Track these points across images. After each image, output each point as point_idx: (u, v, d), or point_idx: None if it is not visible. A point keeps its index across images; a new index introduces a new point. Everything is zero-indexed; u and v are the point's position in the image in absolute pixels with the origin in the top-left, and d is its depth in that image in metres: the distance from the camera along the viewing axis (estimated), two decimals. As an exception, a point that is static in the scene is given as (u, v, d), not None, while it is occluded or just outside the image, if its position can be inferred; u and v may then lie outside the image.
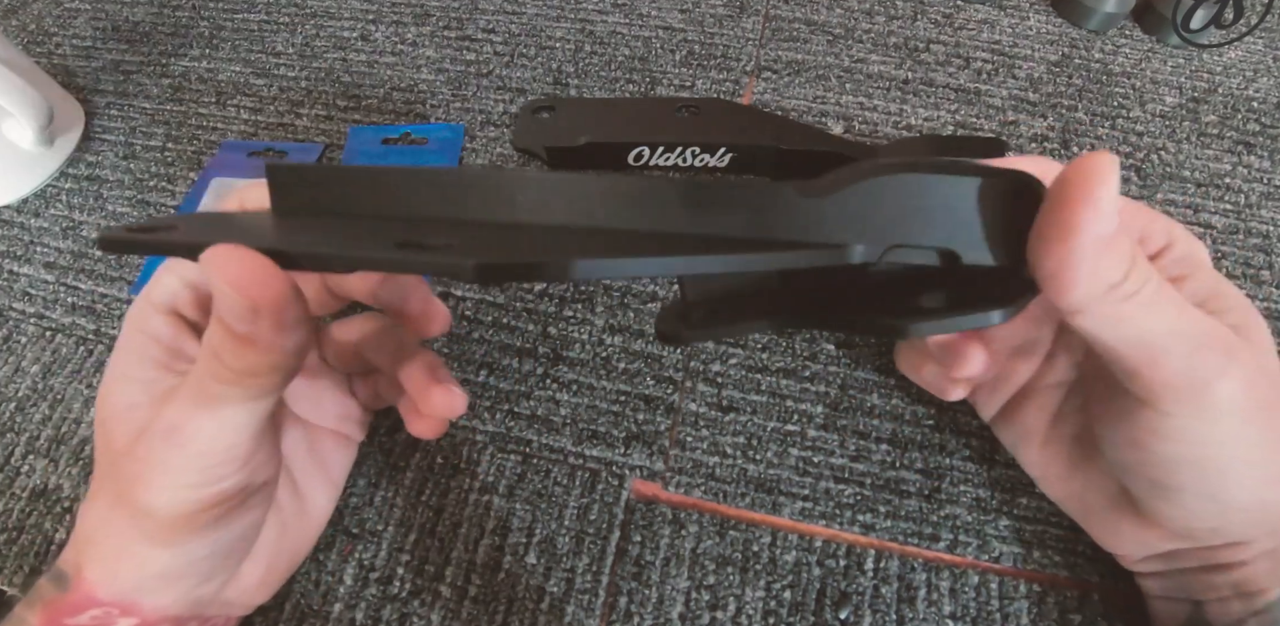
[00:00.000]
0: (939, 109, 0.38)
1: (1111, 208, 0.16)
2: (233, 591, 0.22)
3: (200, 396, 0.18)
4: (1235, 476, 0.19)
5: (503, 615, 0.24)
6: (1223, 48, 0.41)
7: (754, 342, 0.30)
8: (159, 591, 0.20)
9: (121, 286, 0.32)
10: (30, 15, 0.45)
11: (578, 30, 0.42)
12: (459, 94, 0.39)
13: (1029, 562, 0.25)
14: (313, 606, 0.24)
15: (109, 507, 0.19)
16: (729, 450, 0.27)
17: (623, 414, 0.28)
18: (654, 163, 0.35)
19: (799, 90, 0.39)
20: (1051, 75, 0.39)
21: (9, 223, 0.35)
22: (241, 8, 0.45)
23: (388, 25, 0.43)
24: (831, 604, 0.24)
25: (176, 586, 0.20)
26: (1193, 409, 0.18)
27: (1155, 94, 0.38)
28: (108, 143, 0.38)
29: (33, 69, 0.37)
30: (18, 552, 0.26)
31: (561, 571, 0.25)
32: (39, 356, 0.31)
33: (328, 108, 0.39)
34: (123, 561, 0.19)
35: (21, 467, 0.28)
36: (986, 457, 0.27)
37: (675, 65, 0.40)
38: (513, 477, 0.27)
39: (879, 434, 0.27)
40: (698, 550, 0.25)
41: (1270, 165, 0.35)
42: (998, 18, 0.42)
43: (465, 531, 0.26)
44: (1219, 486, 0.19)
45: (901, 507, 0.26)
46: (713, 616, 0.24)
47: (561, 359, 0.29)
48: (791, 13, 0.43)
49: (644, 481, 0.27)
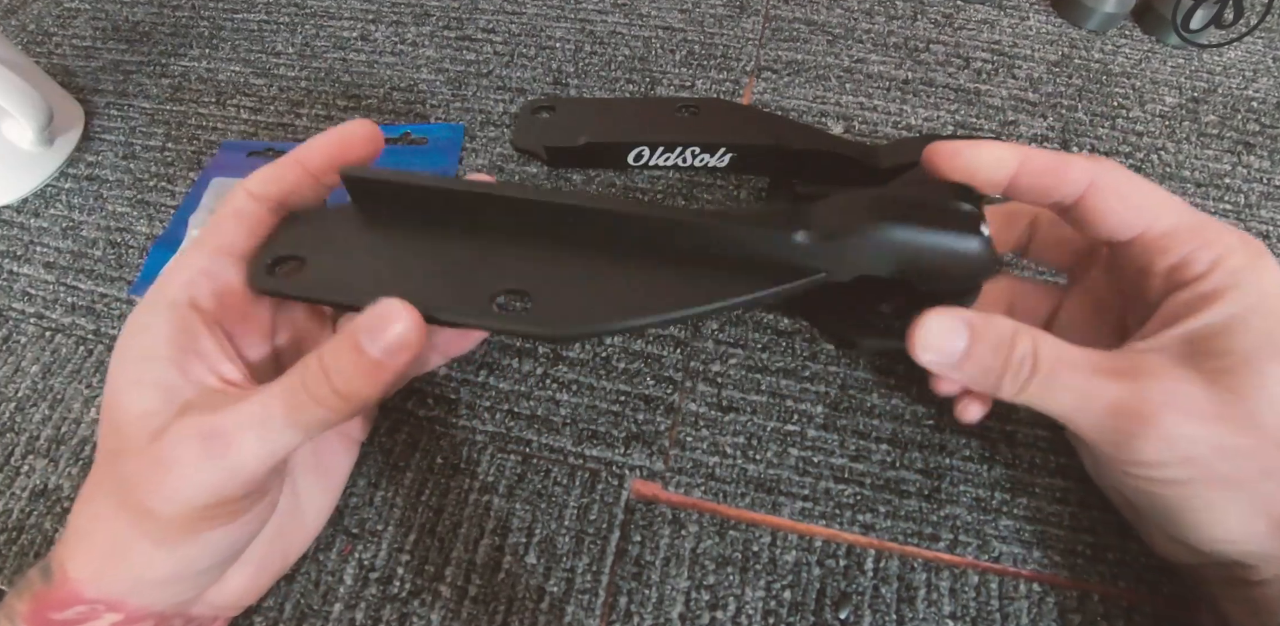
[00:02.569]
0: (939, 109, 0.38)
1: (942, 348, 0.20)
2: (219, 593, 0.22)
3: (287, 411, 0.18)
4: (1204, 514, 0.19)
5: (503, 615, 0.24)
6: (1223, 48, 0.41)
7: (754, 343, 0.30)
8: (150, 593, 0.19)
9: (121, 286, 0.32)
10: (30, 15, 0.45)
11: (578, 30, 0.42)
12: (459, 94, 0.39)
13: (1029, 562, 0.25)
14: (313, 606, 0.24)
15: (108, 507, 0.19)
16: (729, 450, 0.27)
17: (623, 414, 0.28)
18: (654, 163, 0.35)
19: (799, 90, 0.39)
20: (1051, 75, 0.39)
21: (9, 223, 0.35)
22: (241, 8, 0.45)
23: (388, 25, 0.43)
24: (831, 604, 0.24)
25: (168, 589, 0.20)
26: (1129, 464, 0.20)
27: (1155, 94, 0.38)
28: (108, 143, 0.38)
29: (33, 69, 0.37)
30: (18, 552, 0.26)
31: (561, 571, 0.25)
32: (39, 356, 0.31)
33: (328, 108, 0.39)
34: (116, 562, 0.19)
35: (21, 467, 0.28)
36: (986, 457, 0.27)
37: (675, 65, 0.40)
38: (513, 477, 0.27)
39: (879, 434, 0.27)
40: (698, 550, 0.25)
41: (1270, 165, 0.35)
42: (998, 18, 0.42)
43: (465, 531, 0.26)
44: (1187, 523, 0.20)
45: (901, 507, 0.26)
46: (713, 616, 0.24)
47: (561, 359, 0.29)
48: (791, 13, 0.43)
49: (644, 481, 0.27)
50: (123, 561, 0.19)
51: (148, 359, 0.19)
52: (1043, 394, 0.20)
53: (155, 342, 0.19)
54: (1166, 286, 0.20)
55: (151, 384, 0.19)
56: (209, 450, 0.18)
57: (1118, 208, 0.20)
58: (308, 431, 0.19)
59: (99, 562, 0.19)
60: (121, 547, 0.19)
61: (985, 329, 0.20)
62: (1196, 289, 0.20)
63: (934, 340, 0.20)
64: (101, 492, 0.19)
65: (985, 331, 0.20)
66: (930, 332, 0.20)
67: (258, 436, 0.18)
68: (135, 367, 0.19)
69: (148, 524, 0.18)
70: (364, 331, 0.18)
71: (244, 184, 0.21)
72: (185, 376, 0.19)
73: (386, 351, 0.18)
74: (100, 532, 0.19)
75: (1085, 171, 0.20)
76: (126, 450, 0.19)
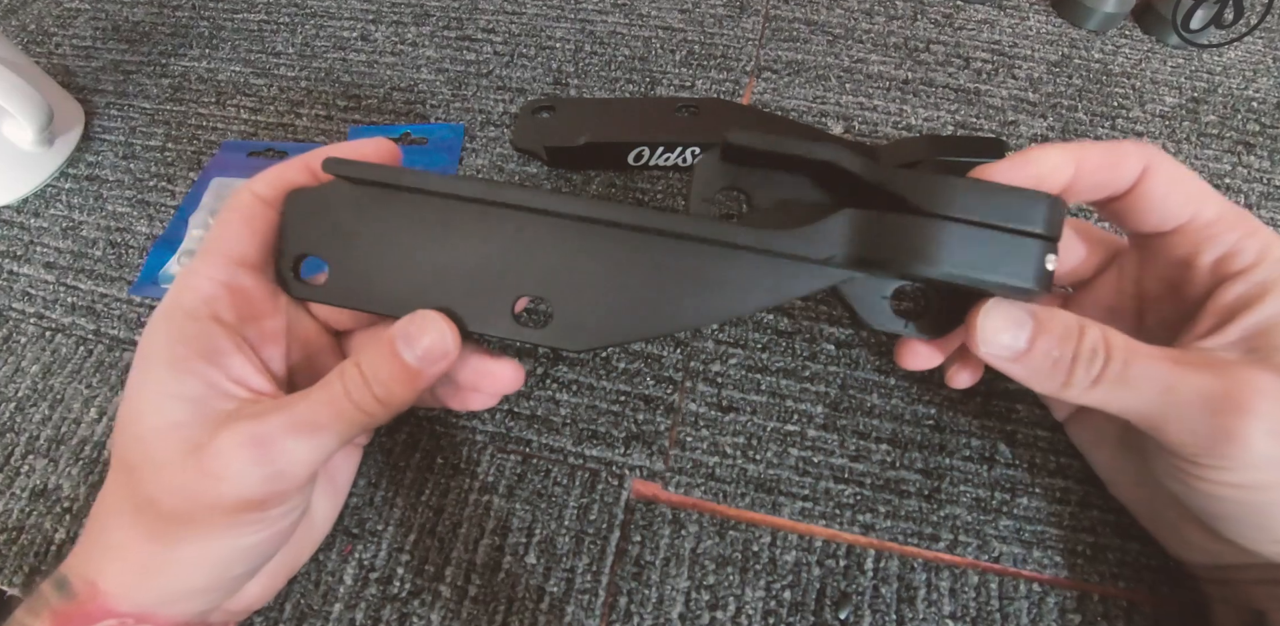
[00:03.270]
0: (939, 109, 0.38)
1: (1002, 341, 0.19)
2: (237, 599, 0.22)
3: (332, 417, 0.19)
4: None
5: (503, 615, 0.24)
6: (1223, 48, 0.41)
7: (754, 343, 0.30)
8: (181, 604, 0.20)
9: (121, 286, 0.32)
10: (30, 15, 0.45)
11: (578, 30, 0.42)
12: (459, 94, 0.39)
13: (1029, 562, 0.25)
14: (313, 606, 0.24)
15: (139, 520, 0.19)
16: (729, 450, 0.27)
17: (623, 414, 0.28)
18: (654, 163, 0.35)
19: (799, 90, 0.39)
20: (1051, 75, 0.39)
21: (9, 223, 0.35)
22: (241, 8, 0.45)
23: (388, 25, 0.43)
24: (831, 604, 0.24)
25: (200, 598, 0.20)
26: (1221, 462, 0.18)
27: (1155, 94, 0.38)
28: (108, 143, 0.38)
29: (33, 69, 0.37)
30: (18, 552, 0.26)
31: (561, 571, 0.25)
32: (39, 356, 0.31)
33: (328, 108, 0.39)
34: (153, 574, 0.19)
35: (21, 467, 0.28)
36: (986, 457, 0.27)
37: (675, 65, 0.40)
38: (513, 477, 0.27)
39: (879, 434, 0.27)
40: (698, 550, 0.25)
41: (1270, 165, 0.35)
42: (998, 18, 0.42)
43: (465, 531, 0.26)
44: (1260, 525, 0.19)
45: (901, 507, 0.26)
46: (712, 616, 0.24)
47: (561, 359, 0.29)
48: (791, 13, 0.43)
49: (644, 481, 0.27)
50: (159, 573, 0.19)
51: (174, 372, 0.19)
52: (1119, 387, 0.18)
53: (180, 356, 0.19)
54: (1213, 278, 0.20)
55: (179, 396, 0.19)
56: (260, 457, 0.18)
57: (1170, 195, 0.19)
58: (349, 436, 0.20)
59: (133, 576, 0.19)
60: (158, 559, 0.19)
61: (1050, 319, 0.19)
62: (1251, 279, 0.19)
63: (993, 333, 0.19)
64: (129, 506, 0.19)
65: (1050, 322, 0.19)
66: (991, 324, 0.19)
67: (306, 442, 0.19)
68: (161, 381, 0.19)
69: (187, 533, 0.19)
70: (401, 339, 0.19)
71: (250, 186, 0.21)
72: (213, 388, 0.19)
73: (423, 360, 0.19)
74: (133, 545, 0.19)
75: (1139, 159, 0.19)
76: (158, 462, 0.19)
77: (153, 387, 0.19)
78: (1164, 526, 0.23)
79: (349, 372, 0.19)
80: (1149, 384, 0.18)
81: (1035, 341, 0.19)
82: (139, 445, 0.19)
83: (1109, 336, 0.18)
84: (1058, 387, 0.19)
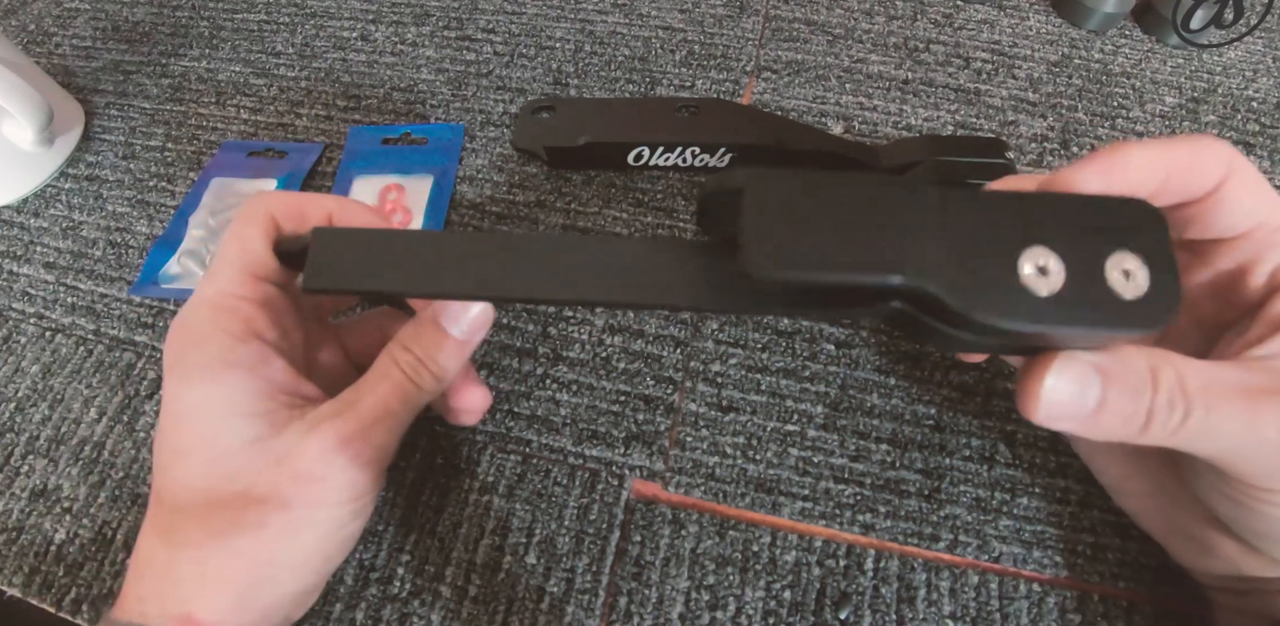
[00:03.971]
0: (939, 109, 0.38)
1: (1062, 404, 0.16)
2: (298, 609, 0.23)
3: (403, 399, 0.21)
4: None
5: (503, 615, 0.24)
6: (1223, 48, 0.41)
7: (754, 343, 0.30)
8: (272, 615, 0.20)
9: (121, 286, 0.32)
10: (30, 15, 0.45)
11: (578, 30, 0.42)
12: (459, 94, 0.39)
13: (1029, 562, 0.25)
14: (313, 606, 0.24)
15: (228, 545, 0.19)
16: (729, 450, 0.27)
17: (623, 414, 0.28)
18: (654, 163, 0.35)
19: (799, 90, 0.39)
20: (1051, 75, 0.39)
21: (9, 223, 0.35)
22: (241, 8, 0.45)
23: (388, 25, 0.43)
24: (831, 604, 0.24)
25: (292, 604, 0.21)
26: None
27: (1155, 94, 0.38)
28: (108, 143, 0.38)
29: (33, 69, 0.37)
30: (18, 552, 0.26)
31: (561, 571, 0.25)
32: (39, 356, 0.31)
33: (328, 108, 0.39)
34: (254, 592, 0.19)
35: (21, 467, 0.28)
36: (986, 457, 0.27)
37: (675, 65, 0.40)
38: (513, 477, 0.27)
39: (879, 434, 0.27)
40: (698, 550, 0.25)
41: (1270, 165, 0.35)
42: (998, 18, 0.42)
43: (465, 531, 0.26)
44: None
45: (901, 507, 0.26)
46: (712, 616, 0.24)
47: (561, 359, 0.29)
48: (791, 13, 0.43)
49: (644, 481, 0.27)
50: (261, 589, 0.20)
51: (237, 392, 0.20)
52: (1201, 435, 0.16)
53: (239, 377, 0.20)
54: (1270, 285, 0.19)
55: (251, 414, 0.20)
56: (355, 452, 0.20)
57: (1247, 200, 0.18)
58: (415, 413, 0.22)
59: (232, 600, 0.19)
60: (259, 577, 0.19)
61: (1119, 371, 0.16)
62: None
63: (1061, 398, 0.16)
64: (203, 531, 0.19)
65: (1120, 374, 0.16)
66: (1056, 391, 0.16)
67: (386, 428, 0.21)
68: (226, 400, 0.20)
69: (294, 538, 0.20)
70: (445, 317, 0.21)
71: (266, 202, 0.21)
72: (274, 400, 0.20)
73: (469, 330, 0.21)
74: (229, 571, 0.19)
75: (1221, 163, 0.17)
76: (244, 483, 0.19)
77: (223, 406, 0.20)
78: (1179, 537, 0.23)
79: (402, 357, 0.21)
80: (1231, 427, 0.16)
81: (1106, 398, 0.16)
82: (214, 468, 0.19)
83: (1184, 377, 0.16)
84: (1132, 440, 0.17)
